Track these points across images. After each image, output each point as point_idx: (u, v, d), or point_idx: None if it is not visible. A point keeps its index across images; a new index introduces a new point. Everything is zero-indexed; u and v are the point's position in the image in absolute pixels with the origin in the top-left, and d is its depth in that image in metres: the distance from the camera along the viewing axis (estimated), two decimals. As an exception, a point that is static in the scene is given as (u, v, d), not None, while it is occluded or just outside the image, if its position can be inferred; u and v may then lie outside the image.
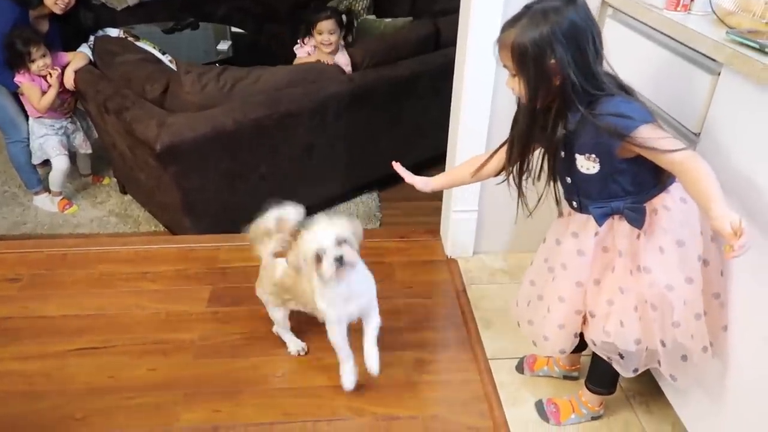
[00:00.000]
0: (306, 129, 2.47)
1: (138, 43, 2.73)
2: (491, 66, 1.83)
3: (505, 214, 2.10)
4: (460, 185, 1.72)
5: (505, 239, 2.14)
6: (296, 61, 2.66)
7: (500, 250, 2.15)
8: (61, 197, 2.76)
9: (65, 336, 1.76)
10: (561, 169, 1.26)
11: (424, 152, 2.90)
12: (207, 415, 1.54)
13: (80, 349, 1.72)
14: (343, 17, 2.65)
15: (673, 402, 1.45)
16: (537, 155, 1.28)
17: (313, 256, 1.34)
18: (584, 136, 1.15)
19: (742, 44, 1.16)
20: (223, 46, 3.46)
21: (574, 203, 1.30)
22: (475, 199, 2.04)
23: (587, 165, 1.19)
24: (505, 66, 1.17)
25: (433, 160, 2.32)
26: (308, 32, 2.61)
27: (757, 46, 1.12)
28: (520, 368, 1.69)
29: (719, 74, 1.23)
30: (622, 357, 1.32)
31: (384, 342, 1.76)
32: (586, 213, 1.27)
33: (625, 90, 1.16)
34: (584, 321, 1.37)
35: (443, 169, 2.16)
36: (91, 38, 2.68)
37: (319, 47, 2.58)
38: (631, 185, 1.20)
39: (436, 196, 2.23)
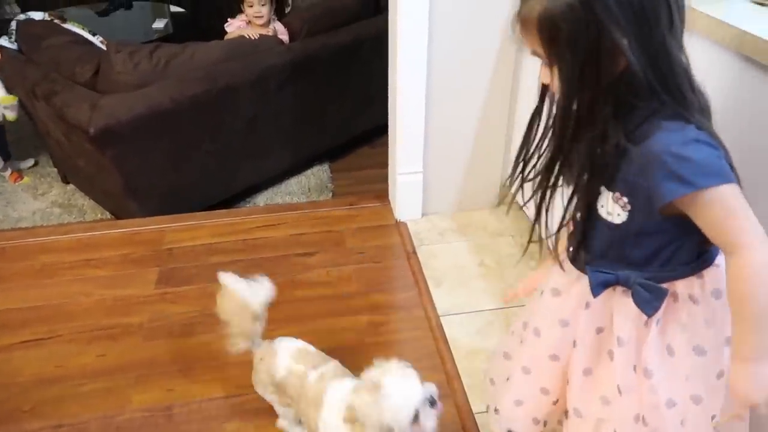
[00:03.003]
0: (248, 103, 2.42)
1: (65, 25, 2.63)
2: (424, 27, 1.82)
3: (450, 173, 2.12)
4: None
5: (453, 199, 2.16)
6: (226, 38, 2.61)
7: (448, 210, 2.17)
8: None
9: (8, 330, 1.71)
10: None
11: (372, 120, 2.89)
12: (160, 395, 1.52)
13: (25, 341, 1.67)
14: None
15: None
16: None
17: (410, 418, 1.02)
18: (626, 166, 0.77)
19: None
20: (159, 24, 3.34)
21: (570, 248, 0.94)
22: (419, 161, 2.04)
23: (612, 208, 0.82)
24: (534, 54, 0.79)
25: (383, 129, 2.31)
26: (240, 8, 2.57)
27: None
28: None
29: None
30: None
31: (336, 308, 1.77)
32: (579, 269, 0.93)
33: (701, 105, 0.77)
34: (566, 415, 1.04)
35: (386, 133, 2.16)
36: (13, 24, 2.56)
37: (252, 21, 2.53)
38: (656, 254, 0.84)
39: (387, 164, 2.23)
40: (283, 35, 2.52)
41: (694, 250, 0.84)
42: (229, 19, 2.65)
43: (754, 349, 0.76)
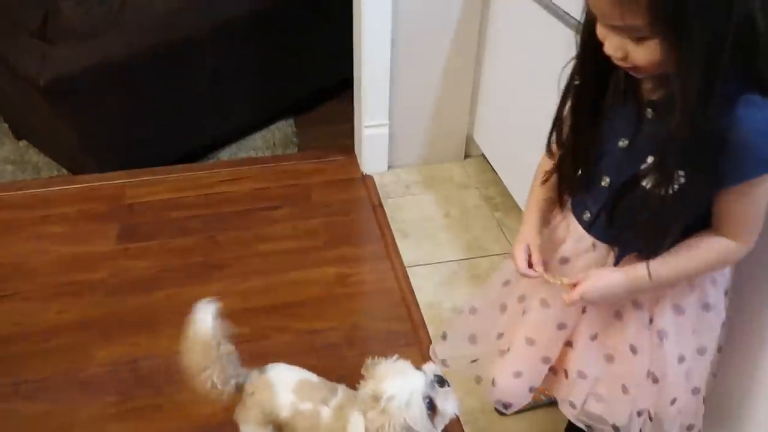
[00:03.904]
0: (209, 55, 2.34)
1: (9, -30, 2.47)
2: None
3: (416, 126, 2.11)
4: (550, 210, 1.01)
5: (419, 152, 2.15)
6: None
7: (414, 163, 2.16)
8: None
9: (-39, 289, 1.66)
10: (605, 162, 0.84)
11: (339, 74, 2.82)
12: (125, 349, 1.51)
13: (-19, 299, 1.63)
14: None
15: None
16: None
17: (424, 409, 0.91)
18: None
19: None
20: (112, -29, 3.17)
21: (587, 216, 0.90)
22: (384, 113, 2.02)
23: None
24: (615, 28, 0.70)
25: (349, 83, 2.28)
26: None
27: None
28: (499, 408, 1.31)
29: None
30: (617, 429, 0.99)
31: (303, 261, 1.77)
32: (596, 236, 0.89)
33: None
34: (554, 373, 1.05)
35: (351, 85, 2.12)
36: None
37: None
38: (684, 227, 0.80)
39: (353, 118, 2.19)
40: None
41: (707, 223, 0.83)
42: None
43: (643, 284, 0.82)
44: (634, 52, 0.69)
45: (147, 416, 1.36)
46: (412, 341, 1.54)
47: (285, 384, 1.09)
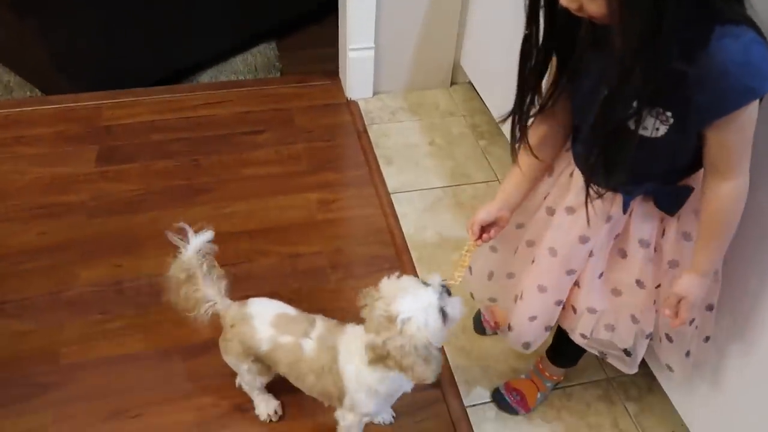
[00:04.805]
0: (185, -31, 2.22)
1: None
2: None
3: (402, 50, 2.05)
4: (531, 183, 1.02)
5: (405, 77, 2.10)
6: None
7: (400, 89, 2.12)
8: None
9: (-64, 210, 1.63)
10: (591, 113, 0.82)
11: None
12: (108, 270, 1.51)
13: (-43, 220, 1.60)
14: None
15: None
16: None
17: (439, 315, 0.92)
18: (680, 82, 0.72)
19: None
20: None
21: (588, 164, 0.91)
22: (370, 36, 1.95)
23: (649, 123, 0.77)
24: None
25: (329, 5, 2.18)
26: None
27: None
28: (479, 328, 1.43)
29: None
30: (628, 354, 1.06)
31: (285, 186, 1.76)
32: (597, 184, 0.88)
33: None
34: (563, 308, 1.09)
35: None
36: None
37: None
38: (683, 163, 0.84)
39: (338, 43, 2.12)
40: None
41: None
42: None
43: (712, 262, 0.87)
44: (587, 3, 0.72)
45: (133, 335, 1.38)
46: (395, 265, 1.56)
47: (263, 317, 1.08)
